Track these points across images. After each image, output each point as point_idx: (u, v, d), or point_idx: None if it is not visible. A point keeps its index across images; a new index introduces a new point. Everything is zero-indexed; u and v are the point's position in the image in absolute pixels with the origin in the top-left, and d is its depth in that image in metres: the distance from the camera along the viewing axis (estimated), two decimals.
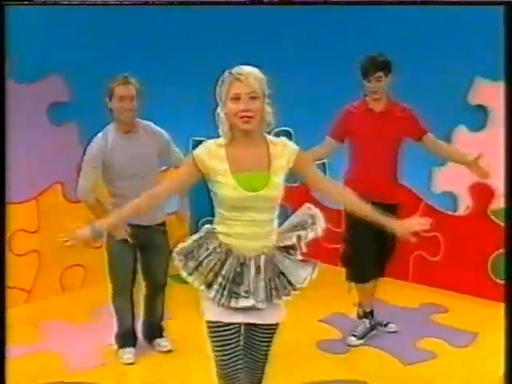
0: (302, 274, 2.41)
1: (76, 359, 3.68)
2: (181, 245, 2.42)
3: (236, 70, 2.27)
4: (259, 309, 2.36)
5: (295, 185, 4.23)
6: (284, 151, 2.37)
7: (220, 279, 2.33)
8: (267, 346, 2.53)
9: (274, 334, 2.51)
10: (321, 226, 2.43)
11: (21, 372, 3.44)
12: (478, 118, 4.82)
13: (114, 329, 3.79)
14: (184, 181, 2.46)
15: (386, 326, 4.09)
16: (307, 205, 2.51)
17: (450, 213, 4.94)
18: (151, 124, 3.63)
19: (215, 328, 2.40)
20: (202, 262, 2.36)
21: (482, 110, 4.80)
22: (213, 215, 2.49)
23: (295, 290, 2.41)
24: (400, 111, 3.82)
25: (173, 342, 3.85)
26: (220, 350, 2.41)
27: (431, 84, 4.75)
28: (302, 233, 2.42)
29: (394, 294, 4.66)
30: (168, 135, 3.71)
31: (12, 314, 4.26)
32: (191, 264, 2.37)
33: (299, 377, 3.40)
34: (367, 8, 4.65)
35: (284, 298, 2.40)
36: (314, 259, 2.47)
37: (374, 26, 4.96)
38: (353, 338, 3.89)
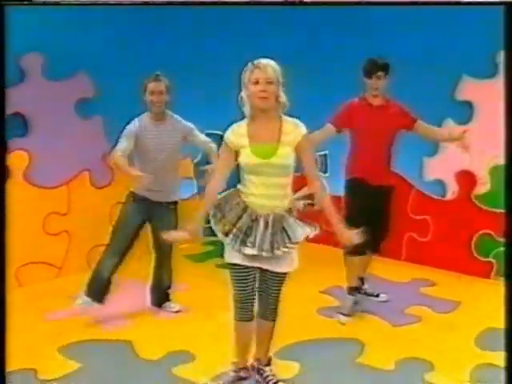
0: (300, 232, 2.94)
1: (106, 321, 4.12)
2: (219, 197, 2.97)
3: (257, 60, 2.84)
4: (272, 258, 2.89)
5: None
6: (293, 130, 2.91)
7: (235, 230, 2.89)
8: (277, 291, 3.08)
9: (282, 281, 3.06)
10: (327, 199, 2.95)
11: (58, 333, 3.93)
12: (464, 112, 5.17)
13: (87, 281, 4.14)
14: (227, 162, 2.96)
15: (377, 296, 4.54)
16: (320, 179, 3.02)
17: (438, 198, 5.33)
18: (179, 117, 4.15)
19: (234, 269, 2.98)
20: (224, 214, 2.92)
21: (468, 105, 5.16)
22: None
23: (292, 243, 2.92)
24: (392, 106, 4.25)
25: (186, 307, 4.33)
26: (237, 286, 3.00)
27: (422, 81, 5.08)
28: (307, 201, 2.98)
29: (388, 270, 5.09)
30: (192, 125, 4.21)
31: (45, 287, 4.83)
32: (218, 215, 2.94)
33: (302, 335, 3.86)
34: (360, 9, 4.96)
35: (283, 249, 2.90)
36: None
37: (367, 27, 5.28)
38: (341, 316, 4.24)
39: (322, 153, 5.91)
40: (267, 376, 3.24)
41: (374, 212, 4.18)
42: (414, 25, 5.10)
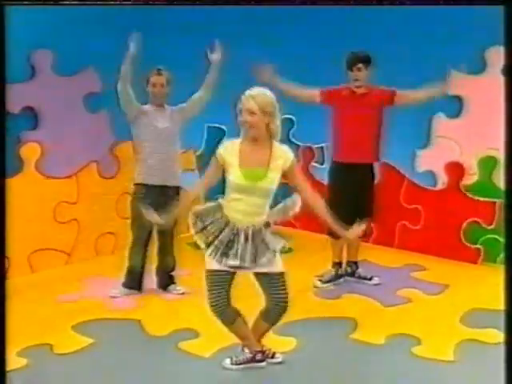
0: (278, 242, 3.20)
1: (115, 302, 4.39)
2: (195, 208, 3.21)
3: (248, 91, 3.05)
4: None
5: None
6: (282, 155, 3.14)
7: (217, 242, 3.14)
8: (273, 289, 3.29)
9: (277, 280, 3.27)
10: (294, 210, 3.21)
11: (71, 312, 4.18)
12: (454, 106, 5.39)
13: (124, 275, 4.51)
14: (214, 173, 3.20)
15: (370, 279, 4.81)
16: (295, 194, 3.25)
17: (429, 188, 5.55)
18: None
19: (211, 275, 3.20)
20: (206, 226, 3.15)
21: (458, 99, 5.37)
22: None
23: (271, 252, 3.17)
24: (374, 91, 4.53)
25: (190, 290, 4.55)
26: (213, 292, 3.22)
27: (414, 76, 5.11)
28: (278, 216, 3.23)
29: (381, 257, 5.35)
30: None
31: (55, 273, 5.08)
32: (199, 225, 3.17)
33: (299, 314, 4.06)
34: (355, 8, 5.02)
35: (268, 255, 3.16)
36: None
37: (362, 23, 5.44)
38: (318, 282, 4.70)
39: (319, 145, 6.15)
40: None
41: (357, 193, 4.50)
42: (405, 21, 5.26)
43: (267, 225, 3.19)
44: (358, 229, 3.23)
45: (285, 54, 5.41)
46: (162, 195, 4.33)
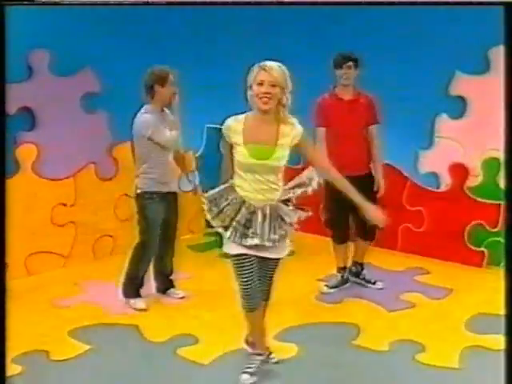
0: (293, 215, 3.10)
1: (113, 307, 4.28)
2: (208, 192, 3.11)
3: (264, 63, 2.92)
4: (270, 246, 3.04)
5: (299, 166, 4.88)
6: (291, 132, 3.00)
7: (234, 223, 3.02)
8: (271, 276, 3.24)
9: (277, 266, 3.22)
10: (313, 186, 3.11)
11: (67, 317, 4.10)
12: (457, 107, 5.32)
13: (123, 279, 4.32)
14: (229, 152, 3.07)
15: (374, 283, 4.73)
16: (310, 167, 3.15)
17: (432, 190, 5.47)
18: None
19: (236, 259, 3.06)
20: (222, 209, 3.04)
21: (462, 100, 5.30)
22: None
23: (287, 225, 3.08)
24: (363, 101, 4.43)
25: (189, 295, 4.50)
26: (242, 276, 3.07)
27: (418, 78, 5.26)
28: (297, 190, 3.11)
29: (384, 260, 5.26)
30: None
31: (52, 276, 5.01)
32: (214, 210, 3.06)
33: (301, 319, 4.04)
34: (357, 8, 5.09)
35: (279, 231, 3.04)
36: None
37: (367, 24, 5.39)
38: (324, 287, 4.62)
39: None
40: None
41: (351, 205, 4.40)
42: (408, 21, 5.21)
43: (285, 201, 3.09)
44: (380, 212, 3.10)
45: (284, 54, 5.32)
46: (165, 201, 4.26)
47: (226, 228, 3.05)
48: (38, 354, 3.58)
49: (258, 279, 3.13)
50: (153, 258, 4.43)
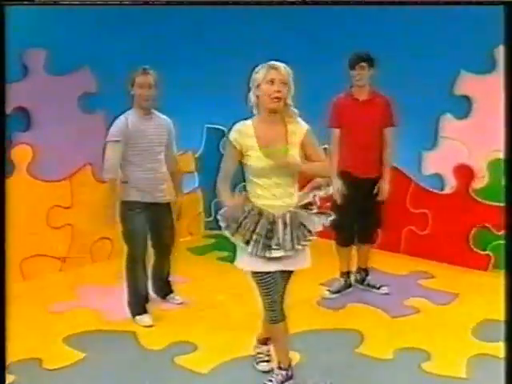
0: (317, 222, 2.97)
1: (110, 313, 4.16)
2: (223, 210, 2.95)
3: (271, 62, 2.85)
4: (289, 257, 2.91)
5: None
6: (297, 129, 2.94)
7: (255, 236, 2.87)
8: (284, 288, 3.12)
9: (289, 278, 3.12)
10: (332, 187, 3.04)
11: (62, 324, 3.99)
12: (462, 106, 5.24)
13: (126, 297, 4.09)
14: (232, 162, 2.94)
15: (379, 288, 4.60)
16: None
17: (437, 192, 5.37)
18: (160, 114, 4.10)
19: (260, 275, 2.94)
20: (241, 223, 2.89)
21: (466, 99, 5.23)
22: None
23: (312, 235, 2.95)
24: (379, 102, 4.33)
25: (188, 300, 4.38)
26: (266, 292, 2.96)
27: (422, 77, 5.16)
28: (317, 192, 3.00)
29: (388, 263, 5.15)
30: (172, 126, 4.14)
31: (49, 279, 4.90)
32: (233, 226, 2.90)
33: (303, 325, 3.90)
34: (361, 8, 5.07)
35: (303, 243, 2.92)
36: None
37: (371, 24, 5.31)
38: (327, 292, 4.52)
39: (322, 146, 5.96)
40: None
41: (363, 204, 4.36)
42: (413, 21, 5.14)
43: (306, 206, 2.98)
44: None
45: (286, 55, 5.25)
46: (155, 209, 4.05)
47: (247, 242, 2.90)
48: (31, 362, 3.47)
49: (281, 291, 3.04)
50: (149, 266, 4.27)
